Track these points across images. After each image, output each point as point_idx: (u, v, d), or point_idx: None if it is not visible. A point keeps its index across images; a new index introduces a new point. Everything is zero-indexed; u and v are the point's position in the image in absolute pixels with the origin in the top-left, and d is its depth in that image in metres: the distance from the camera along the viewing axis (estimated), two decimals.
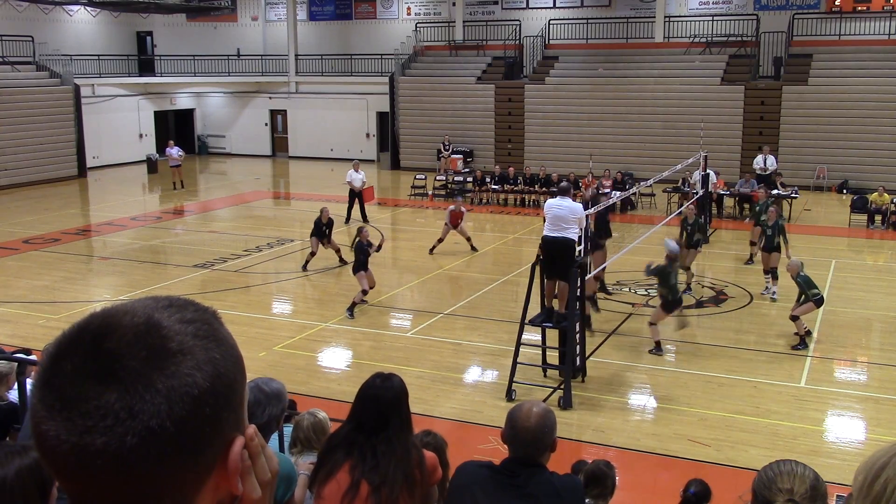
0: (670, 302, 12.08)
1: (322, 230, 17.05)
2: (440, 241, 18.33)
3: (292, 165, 35.56)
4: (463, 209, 18.61)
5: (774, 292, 14.79)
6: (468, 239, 18.63)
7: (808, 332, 12.61)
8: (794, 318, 12.49)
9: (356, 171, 21.87)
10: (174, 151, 27.85)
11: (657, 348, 12.24)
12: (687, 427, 9.84)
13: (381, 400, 3.49)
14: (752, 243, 17.29)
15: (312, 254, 17.12)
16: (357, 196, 21.92)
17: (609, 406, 10.56)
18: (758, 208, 16.86)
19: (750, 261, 17.28)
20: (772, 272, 14.90)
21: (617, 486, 6.09)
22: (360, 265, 14.36)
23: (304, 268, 17.13)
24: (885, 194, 21.34)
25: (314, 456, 4.92)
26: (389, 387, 3.53)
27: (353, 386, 3.72)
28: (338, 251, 17.38)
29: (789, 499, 2.28)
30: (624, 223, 22.34)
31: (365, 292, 14.36)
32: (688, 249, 15.34)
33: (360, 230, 14.97)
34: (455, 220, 18.31)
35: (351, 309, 14.09)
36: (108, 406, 0.93)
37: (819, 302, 12.56)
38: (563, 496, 3.43)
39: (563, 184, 11.57)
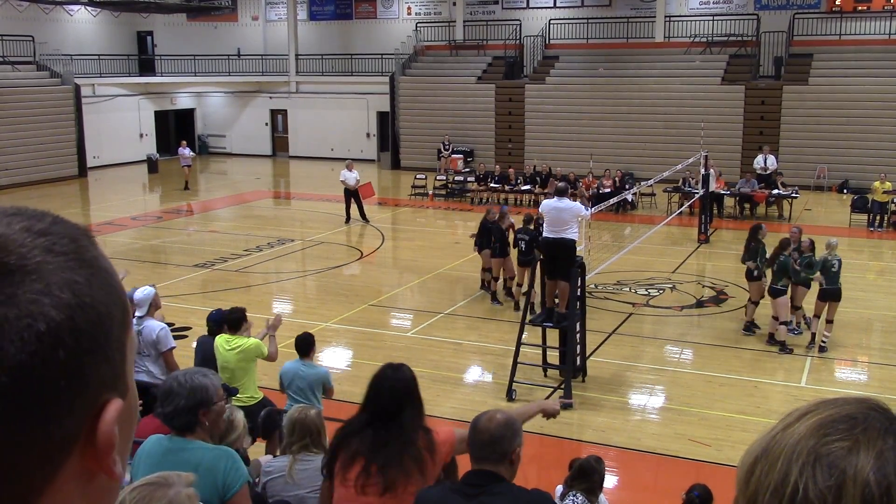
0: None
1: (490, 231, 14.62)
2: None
3: (293, 165, 35.57)
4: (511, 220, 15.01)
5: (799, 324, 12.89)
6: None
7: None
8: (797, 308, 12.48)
9: (349, 170, 21.84)
10: (186, 152, 27.94)
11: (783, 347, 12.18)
12: (687, 427, 9.84)
13: (395, 389, 3.72)
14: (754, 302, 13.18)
15: (494, 277, 14.65)
16: (353, 195, 21.90)
17: (609, 406, 10.56)
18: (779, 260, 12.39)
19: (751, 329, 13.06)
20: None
21: (617, 486, 6.09)
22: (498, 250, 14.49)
23: (494, 297, 14.66)
24: (887, 182, 21.17)
25: (312, 457, 4.92)
26: (401, 377, 3.77)
27: (354, 385, 3.78)
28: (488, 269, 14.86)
29: None
30: (624, 223, 22.36)
31: (496, 279, 14.62)
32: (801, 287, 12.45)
33: (502, 214, 14.89)
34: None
35: (494, 297, 14.61)
36: None
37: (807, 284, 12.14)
38: None
39: (561, 184, 11.55)
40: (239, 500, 3.78)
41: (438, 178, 26.95)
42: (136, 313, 8.00)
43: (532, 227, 13.90)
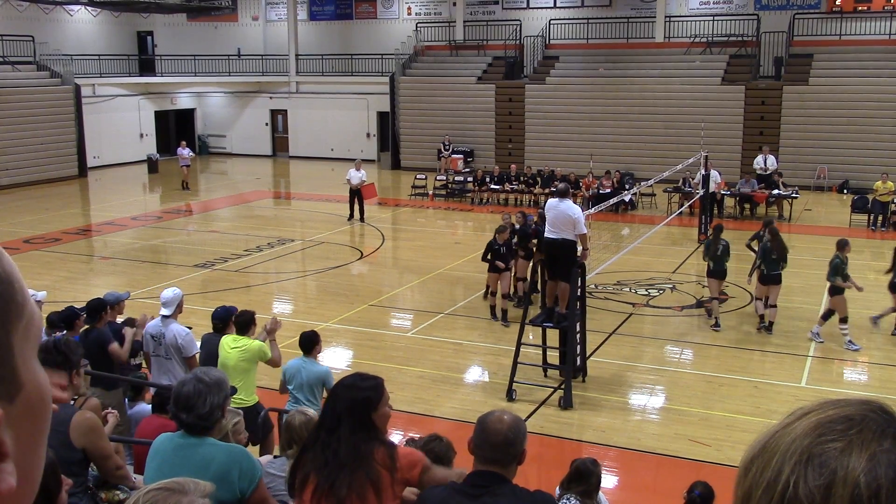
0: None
1: (499, 252, 13.49)
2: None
3: (293, 165, 35.57)
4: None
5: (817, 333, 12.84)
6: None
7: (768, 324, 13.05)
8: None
9: (357, 169, 21.90)
10: (185, 152, 27.97)
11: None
12: (687, 427, 9.84)
13: (339, 399, 3.46)
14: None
15: (492, 292, 13.86)
16: (356, 194, 21.94)
17: (609, 406, 10.56)
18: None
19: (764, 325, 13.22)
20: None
21: (617, 486, 6.08)
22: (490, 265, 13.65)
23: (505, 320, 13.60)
24: (889, 182, 21.11)
25: None
26: (362, 386, 3.47)
27: None
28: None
29: None
30: (624, 223, 22.36)
31: (493, 293, 13.92)
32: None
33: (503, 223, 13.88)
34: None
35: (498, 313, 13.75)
36: None
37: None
38: None
39: (562, 185, 11.54)
40: (261, 493, 3.85)
41: (438, 178, 26.95)
42: (162, 312, 8.02)
43: (528, 222, 14.14)
